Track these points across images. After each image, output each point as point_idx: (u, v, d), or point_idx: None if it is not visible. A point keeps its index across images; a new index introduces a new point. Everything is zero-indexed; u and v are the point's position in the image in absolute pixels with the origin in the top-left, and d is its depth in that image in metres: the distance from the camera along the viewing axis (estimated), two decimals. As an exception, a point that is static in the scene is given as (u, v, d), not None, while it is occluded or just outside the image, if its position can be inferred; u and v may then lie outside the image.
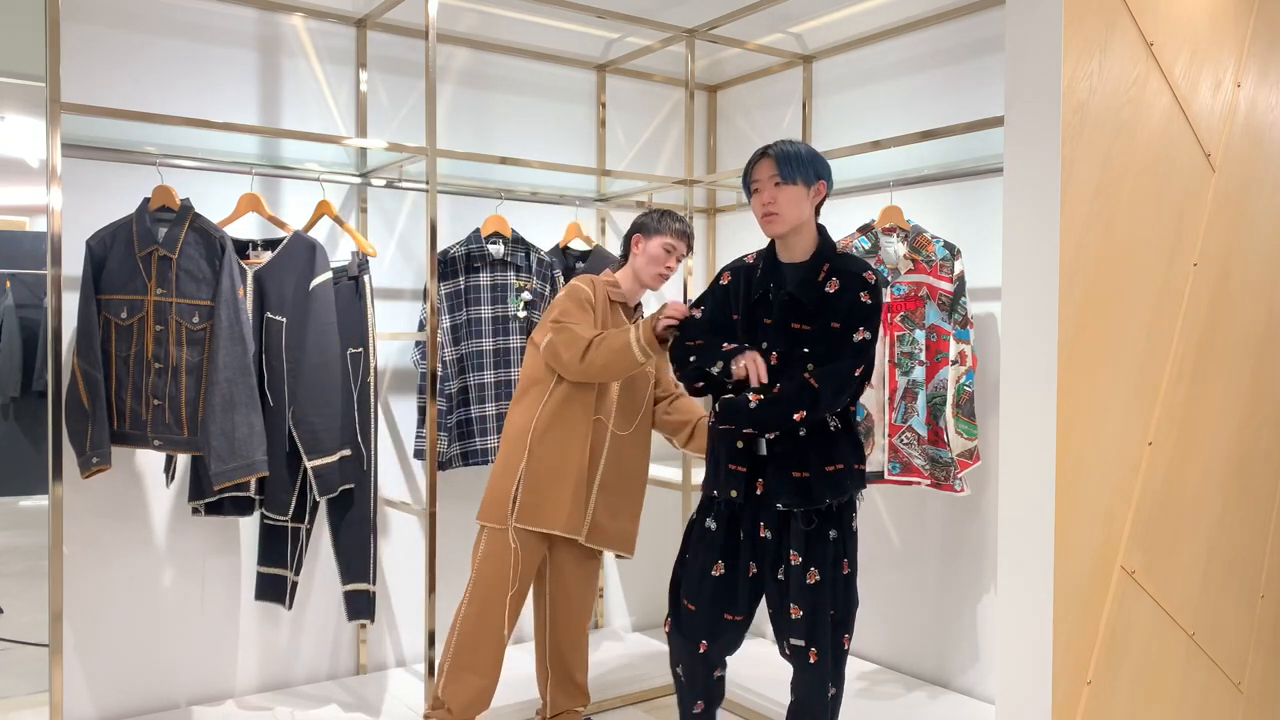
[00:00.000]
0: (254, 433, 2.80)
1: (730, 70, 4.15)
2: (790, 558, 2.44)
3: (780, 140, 2.53)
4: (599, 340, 2.76)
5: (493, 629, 2.86)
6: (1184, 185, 2.45)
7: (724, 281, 2.59)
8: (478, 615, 2.87)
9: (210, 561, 3.27)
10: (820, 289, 2.44)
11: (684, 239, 2.99)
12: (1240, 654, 2.71)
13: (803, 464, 2.41)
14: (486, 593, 2.87)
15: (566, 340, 2.80)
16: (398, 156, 3.20)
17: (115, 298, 2.80)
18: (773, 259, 2.54)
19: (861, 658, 3.72)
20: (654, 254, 2.96)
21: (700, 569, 2.52)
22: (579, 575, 3.03)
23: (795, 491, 2.41)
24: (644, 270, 2.97)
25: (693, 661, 2.56)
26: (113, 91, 3.05)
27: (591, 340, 2.77)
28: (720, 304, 2.57)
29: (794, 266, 2.50)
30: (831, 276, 2.45)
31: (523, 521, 2.85)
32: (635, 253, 2.99)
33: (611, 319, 2.95)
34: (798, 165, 2.45)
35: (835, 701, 2.51)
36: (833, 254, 2.49)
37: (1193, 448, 2.51)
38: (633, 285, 3.01)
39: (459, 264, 3.46)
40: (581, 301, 2.89)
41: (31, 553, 5.86)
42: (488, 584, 2.87)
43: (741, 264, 2.61)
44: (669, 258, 2.97)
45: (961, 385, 3.11)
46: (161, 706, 3.20)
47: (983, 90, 3.29)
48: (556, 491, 2.86)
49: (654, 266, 2.96)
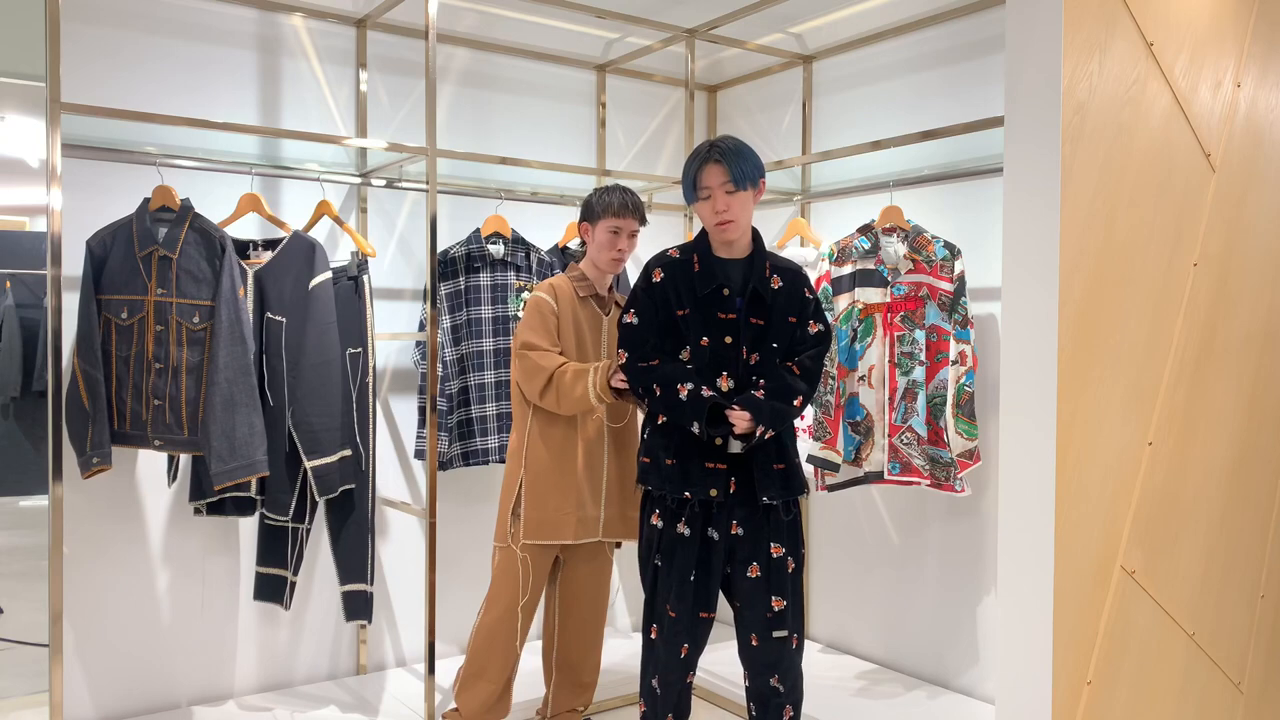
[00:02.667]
0: (254, 433, 2.79)
1: (730, 70, 4.15)
2: (772, 550, 2.50)
3: (721, 139, 2.51)
4: (559, 377, 2.73)
5: (505, 638, 2.88)
6: (1184, 185, 2.45)
7: (657, 279, 2.56)
8: (491, 624, 2.89)
9: (210, 562, 3.27)
10: (768, 284, 2.52)
11: (629, 214, 2.86)
12: (1240, 654, 2.71)
13: (780, 456, 2.51)
14: (499, 603, 2.88)
15: (527, 370, 2.77)
16: (398, 156, 3.20)
17: (115, 298, 2.80)
18: (708, 254, 2.54)
19: (861, 658, 3.72)
20: (601, 240, 2.88)
21: (679, 575, 2.52)
22: (590, 575, 3.02)
23: (779, 483, 2.49)
24: (599, 258, 2.90)
25: (673, 667, 2.57)
26: (113, 91, 3.05)
27: (553, 375, 2.73)
28: (659, 302, 2.54)
29: (735, 263, 2.54)
30: (774, 274, 2.54)
31: (532, 537, 2.83)
32: (587, 240, 2.93)
33: (584, 315, 2.89)
34: (748, 170, 2.45)
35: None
36: (766, 251, 2.58)
37: (1193, 448, 2.51)
38: (596, 274, 2.94)
39: (459, 264, 3.46)
40: (545, 315, 2.82)
41: (31, 553, 5.86)
42: (501, 596, 2.89)
43: (671, 259, 2.57)
44: (618, 238, 2.87)
45: (962, 385, 3.11)
46: (161, 706, 3.20)
47: (983, 90, 3.29)
48: (560, 500, 2.84)
49: (606, 252, 2.88)
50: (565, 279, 2.92)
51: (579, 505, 2.86)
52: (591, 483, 2.88)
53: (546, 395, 2.75)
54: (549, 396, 2.75)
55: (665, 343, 2.54)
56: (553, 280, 2.93)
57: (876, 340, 3.18)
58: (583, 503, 2.86)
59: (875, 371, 3.18)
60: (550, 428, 2.85)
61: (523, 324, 2.84)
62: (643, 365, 2.52)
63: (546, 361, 2.76)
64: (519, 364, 2.81)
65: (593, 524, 2.89)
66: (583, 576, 3.01)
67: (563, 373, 2.73)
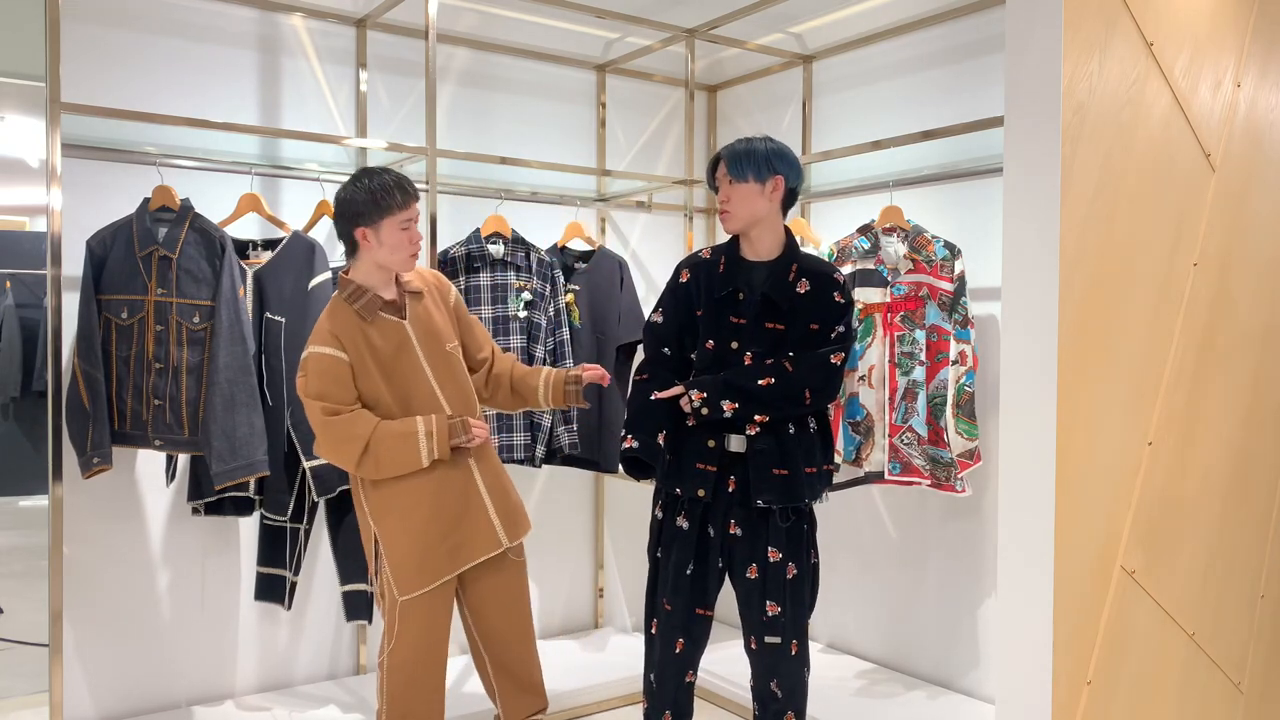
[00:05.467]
0: (255, 433, 2.79)
1: (730, 70, 4.15)
2: (769, 554, 2.48)
3: (741, 138, 2.55)
4: (377, 444, 2.37)
5: (426, 693, 2.53)
6: (1184, 185, 2.45)
7: (683, 279, 2.58)
8: (405, 684, 2.50)
9: (210, 561, 3.27)
10: (792, 289, 2.49)
11: (412, 199, 2.44)
12: (1240, 654, 2.71)
13: (784, 462, 2.46)
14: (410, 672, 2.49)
15: (334, 439, 2.38)
16: (397, 156, 3.20)
17: (115, 298, 2.80)
18: (736, 256, 2.55)
19: (861, 658, 3.72)
20: (392, 240, 2.41)
21: (675, 567, 2.53)
22: (504, 582, 2.63)
23: (777, 489, 2.45)
24: (391, 259, 2.44)
25: (668, 662, 2.57)
26: (113, 91, 3.05)
27: (368, 443, 2.36)
28: (682, 303, 2.57)
29: (761, 265, 2.53)
30: (801, 277, 2.50)
31: (431, 580, 2.46)
32: (367, 246, 2.42)
33: (379, 336, 2.45)
34: (748, 163, 2.47)
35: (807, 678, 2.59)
36: (799, 253, 2.54)
37: (1193, 448, 2.51)
38: (383, 278, 2.48)
39: (459, 264, 3.46)
40: (337, 375, 2.38)
41: (31, 553, 5.85)
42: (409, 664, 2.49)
43: (699, 260, 2.60)
44: (410, 231, 2.44)
45: (962, 385, 3.11)
46: (161, 706, 3.20)
47: (983, 90, 3.29)
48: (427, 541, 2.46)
49: (402, 251, 2.44)
50: (339, 309, 2.43)
51: (471, 521, 2.51)
52: (466, 495, 2.52)
53: (364, 463, 2.38)
54: (366, 464, 2.38)
55: (685, 343, 2.57)
56: (323, 325, 2.42)
57: (876, 340, 3.18)
58: (474, 518, 2.51)
59: (875, 371, 3.18)
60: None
61: (308, 382, 2.40)
62: (636, 378, 2.58)
63: (360, 428, 2.36)
64: (321, 433, 2.39)
65: (492, 539, 2.54)
66: (494, 588, 2.62)
67: (379, 440, 2.37)
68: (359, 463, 2.39)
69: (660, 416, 2.50)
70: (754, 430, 2.46)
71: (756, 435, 2.46)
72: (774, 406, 2.43)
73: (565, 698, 3.36)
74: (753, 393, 2.42)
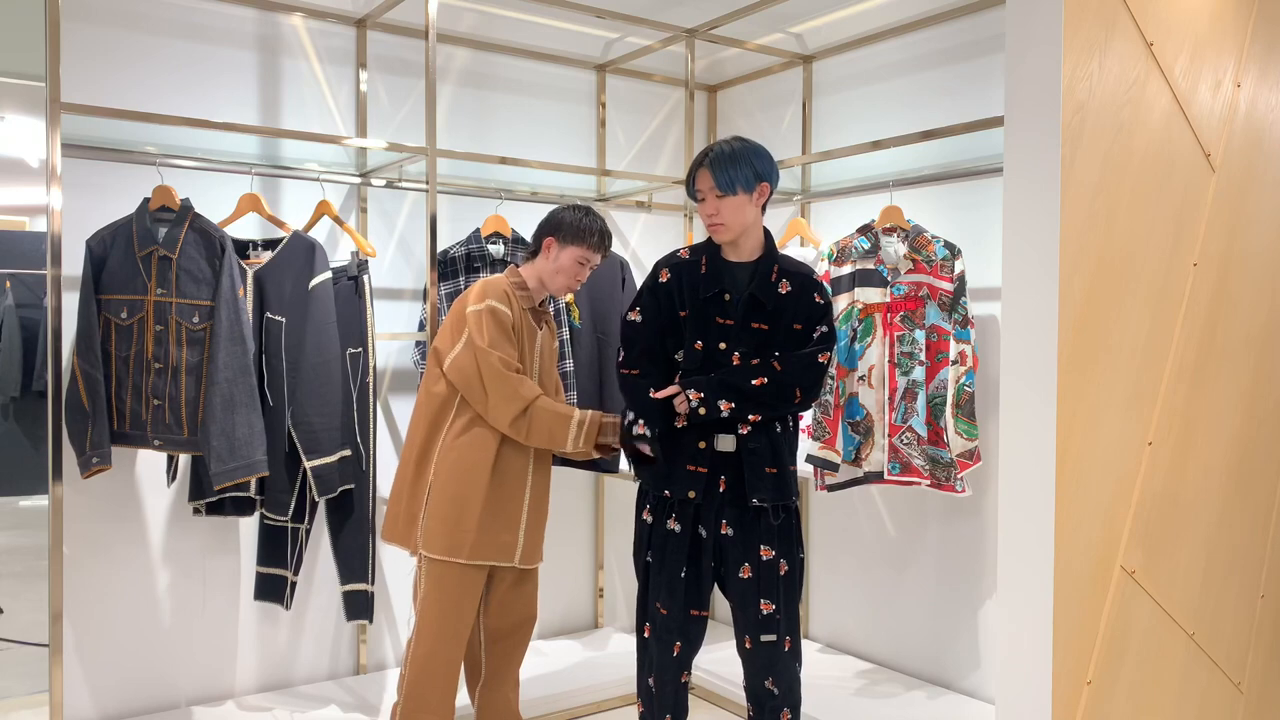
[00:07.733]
0: (254, 433, 2.79)
1: (730, 70, 4.15)
2: (762, 553, 2.49)
3: (720, 143, 2.53)
4: (537, 413, 2.55)
5: (444, 668, 2.67)
6: (1184, 185, 2.45)
7: (663, 279, 2.58)
8: (427, 656, 2.65)
9: (210, 562, 3.27)
10: (775, 289, 2.51)
11: (601, 250, 2.74)
12: (1240, 654, 2.71)
13: (774, 460, 2.49)
14: (436, 632, 2.64)
15: (503, 393, 2.54)
16: (397, 156, 3.20)
17: (115, 298, 2.80)
18: (717, 256, 2.56)
19: (861, 658, 3.72)
20: (565, 265, 2.69)
21: (670, 572, 2.53)
22: (522, 599, 2.82)
23: (771, 487, 2.48)
24: (552, 279, 2.72)
25: (665, 665, 2.58)
26: (113, 91, 3.05)
27: (529, 407, 2.55)
28: (663, 303, 2.56)
29: (744, 266, 2.55)
30: (783, 278, 2.53)
31: (480, 557, 2.62)
32: (546, 255, 2.72)
33: (525, 330, 2.70)
34: (736, 175, 2.47)
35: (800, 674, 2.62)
36: (778, 254, 2.58)
37: (1193, 448, 2.51)
38: (539, 288, 2.76)
39: (459, 264, 3.46)
40: (506, 329, 2.59)
41: (31, 553, 5.86)
42: (436, 624, 2.64)
43: (679, 260, 2.60)
44: (582, 270, 2.72)
45: (962, 385, 3.11)
46: (161, 706, 3.20)
47: (983, 90, 3.29)
48: (507, 520, 2.65)
49: (563, 277, 2.71)
50: (507, 285, 2.68)
51: (527, 527, 2.68)
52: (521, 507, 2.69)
53: (519, 425, 2.56)
54: (521, 427, 2.56)
55: (666, 343, 2.56)
56: (495, 283, 2.67)
57: (876, 340, 3.18)
58: (526, 525, 2.68)
59: (875, 371, 3.18)
60: (472, 431, 2.61)
61: (485, 331, 2.57)
62: (624, 372, 2.58)
63: (526, 390, 2.57)
64: (491, 383, 2.54)
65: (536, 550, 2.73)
66: (513, 602, 2.81)
67: (539, 412, 2.56)
68: (513, 421, 2.55)
69: (661, 416, 2.50)
70: (745, 430, 2.48)
71: (748, 434, 2.48)
72: (768, 406, 2.46)
73: (565, 698, 3.36)
74: (748, 393, 2.44)
